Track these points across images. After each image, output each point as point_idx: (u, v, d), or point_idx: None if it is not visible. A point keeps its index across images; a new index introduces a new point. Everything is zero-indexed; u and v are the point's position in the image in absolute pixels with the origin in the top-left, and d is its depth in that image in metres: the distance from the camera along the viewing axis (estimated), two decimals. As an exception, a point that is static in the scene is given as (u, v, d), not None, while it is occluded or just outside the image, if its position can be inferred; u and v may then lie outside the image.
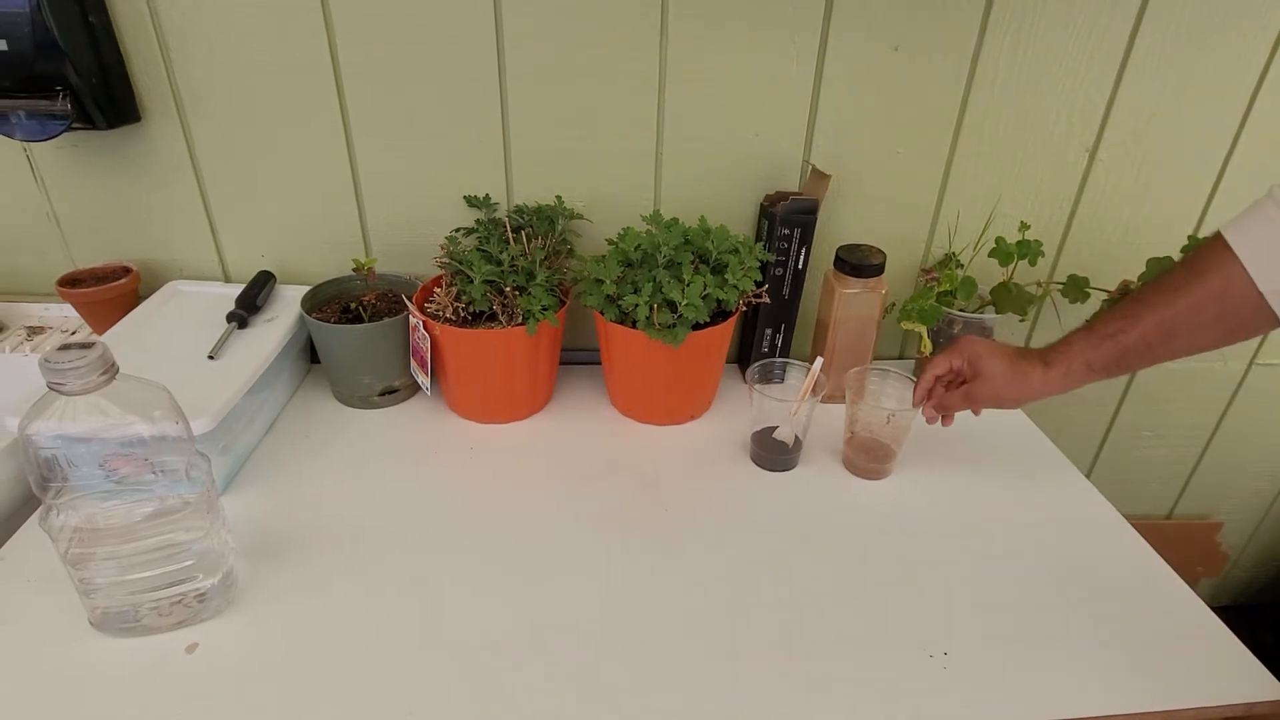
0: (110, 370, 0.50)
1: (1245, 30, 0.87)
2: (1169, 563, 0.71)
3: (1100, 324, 0.64)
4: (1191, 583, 0.69)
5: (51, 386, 0.49)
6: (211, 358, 0.77)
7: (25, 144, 0.83)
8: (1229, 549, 1.35)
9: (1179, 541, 1.32)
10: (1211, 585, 1.40)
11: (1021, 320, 1.01)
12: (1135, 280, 0.88)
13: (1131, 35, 0.85)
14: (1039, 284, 0.94)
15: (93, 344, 0.50)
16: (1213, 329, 0.59)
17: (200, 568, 0.59)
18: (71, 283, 0.87)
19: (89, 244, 0.91)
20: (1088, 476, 0.83)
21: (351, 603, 0.63)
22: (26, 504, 0.71)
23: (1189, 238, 0.88)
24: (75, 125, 0.77)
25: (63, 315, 0.91)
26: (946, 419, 0.75)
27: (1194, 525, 1.30)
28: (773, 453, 0.80)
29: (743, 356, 0.98)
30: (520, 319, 0.80)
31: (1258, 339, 1.10)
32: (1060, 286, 0.92)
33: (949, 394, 0.73)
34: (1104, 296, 0.91)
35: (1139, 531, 0.74)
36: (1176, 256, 0.87)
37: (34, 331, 0.89)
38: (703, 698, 0.56)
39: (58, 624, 0.59)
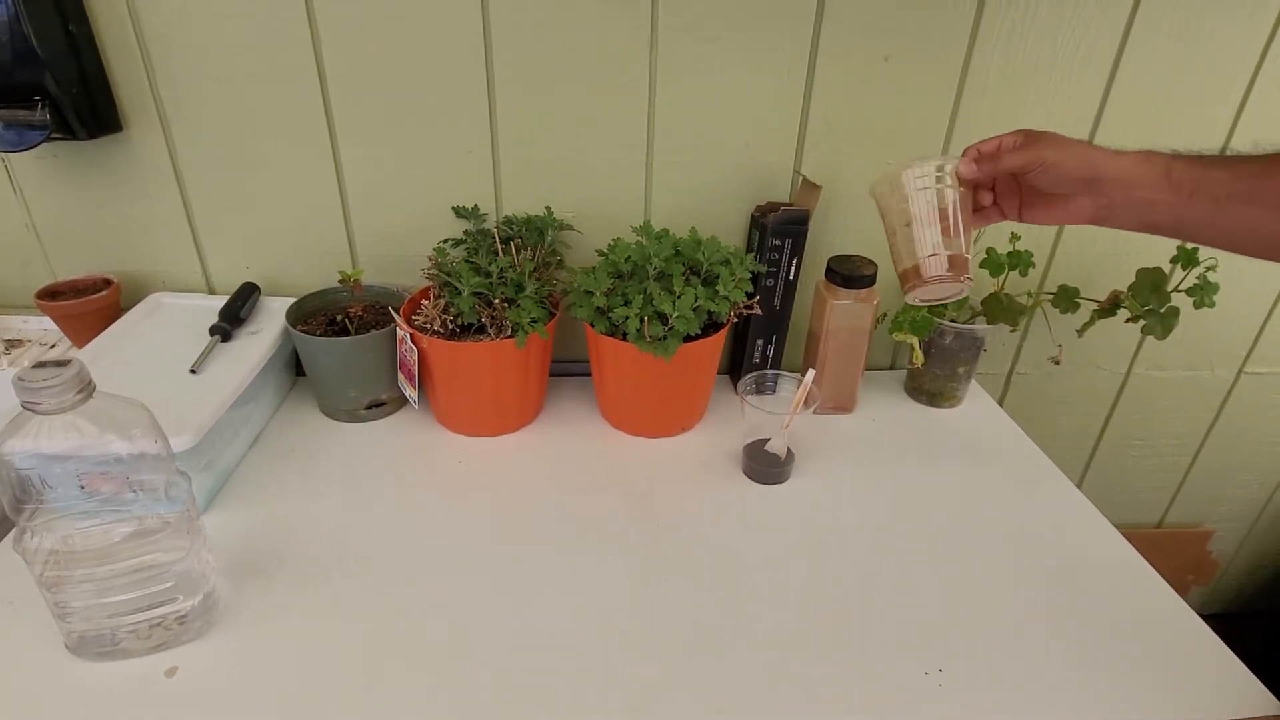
0: (86, 388, 0.49)
1: (1231, 42, 0.87)
2: (1160, 572, 0.71)
3: (1195, 153, 0.56)
4: (1182, 591, 0.69)
5: (25, 406, 0.48)
6: (194, 372, 0.76)
7: (3, 154, 0.82)
8: (1220, 557, 1.35)
9: (1170, 550, 1.32)
10: (1202, 594, 1.40)
11: (1013, 331, 1.01)
12: (1125, 290, 0.88)
13: (1120, 47, 0.86)
14: (1029, 294, 0.93)
15: (68, 362, 0.49)
16: None
17: (180, 589, 0.57)
18: (51, 295, 0.85)
19: (69, 256, 0.89)
20: (1078, 486, 0.82)
21: (337, 622, 0.62)
22: (1, 525, 0.69)
23: (1178, 248, 0.88)
24: (55, 135, 0.76)
25: (42, 328, 0.90)
26: (978, 176, 0.61)
27: (1185, 534, 1.31)
28: (765, 465, 0.80)
29: (734, 368, 0.98)
30: (509, 331, 0.79)
31: (1247, 347, 1.11)
32: (1050, 297, 0.92)
33: (1006, 153, 0.59)
34: (1094, 307, 0.91)
35: (1130, 540, 0.74)
36: (1166, 267, 0.88)
37: (12, 345, 0.88)
38: (693, 714, 0.55)
39: (34, 648, 0.58)
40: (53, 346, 0.88)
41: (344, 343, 0.81)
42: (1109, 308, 0.90)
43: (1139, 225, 0.59)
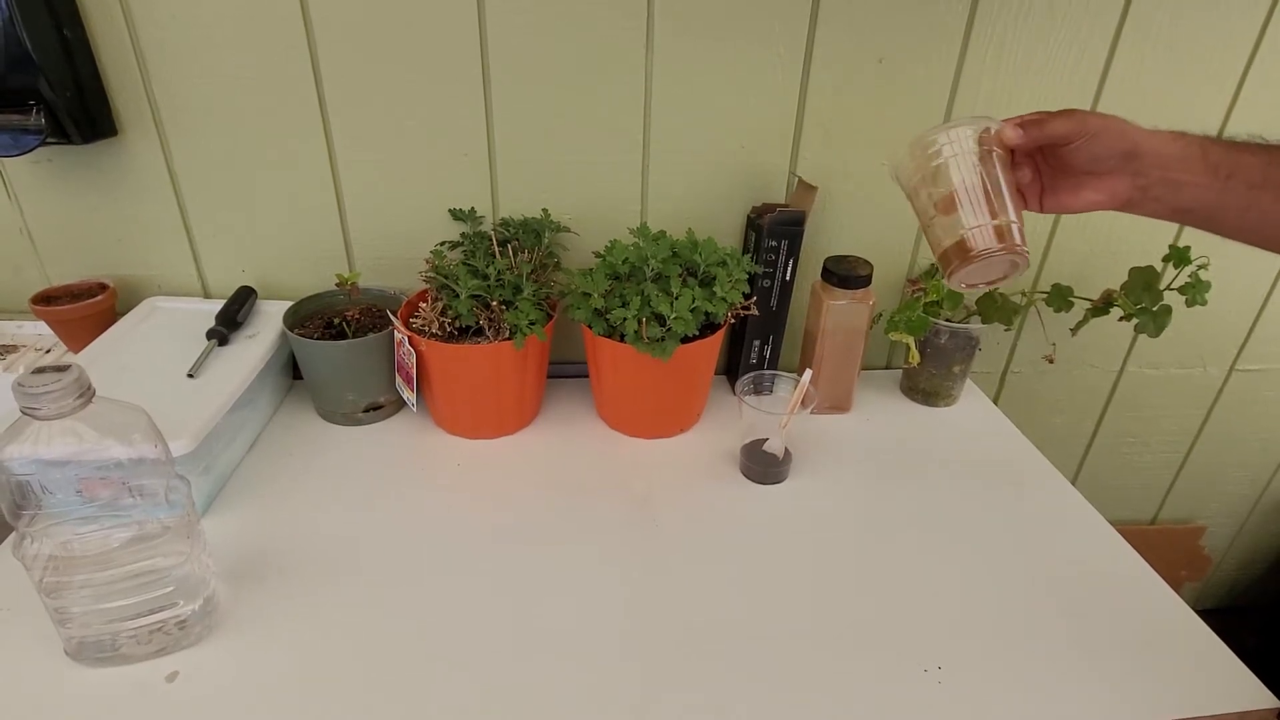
0: (86, 393, 0.49)
1: (1221, 47, 0.88)
2: (1154, 567, 0.71)
3: (1226, 138, 0.55)
4: (1176, 587, 0.69)
5: (25, 411, 0.48)
6: (191, 376, 0.76)
7: (-2, 159, 0.81)
8: (1212, 553, 1.37)
9: (1163, 546, 1.33)
10: (1195, 589, 1.41)
11: (1007, 330, 1.01)
12: (1118, 289, 0.89)
13: (1111, 48, 0.87)
14: (1023, 294, 0.94)
15: (68, 367, 0.48)
16: None
17: (180, 594, 0.57)
18: (46, 300, 0.85)
19: (64, 260, 0.89)
20: (1073, 483, 0.83)
21: (337, 625, 0.62)
22: (0, 530, 0.68)
23: (1170, 247, 0.89)
24: (50, 140, 0.75)
25: (37, 333, 0.89)
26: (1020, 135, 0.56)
27: (1178, 530, 1.32)
28: (762, 465, 0.80)
29: (731, 368, 0.98)
30: (507, 333, 0.79)
31: (1238, 345, 1.12)
32: (1044, 296, 0.92)
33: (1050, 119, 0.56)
34: (1087, 306, 0.92)
35: (1124, 537, 0.75)
36: (1158, 265, 0.89)
37: (6, 350, 0.87)
38: (692, 713, 0.56)
39: (33, 654, 0.58)
40: (47, 352, 0.87)
41: (341, 346, 0.81)
42: (1102, 306, 0.91)
43: (1172, 211, 0.56)
